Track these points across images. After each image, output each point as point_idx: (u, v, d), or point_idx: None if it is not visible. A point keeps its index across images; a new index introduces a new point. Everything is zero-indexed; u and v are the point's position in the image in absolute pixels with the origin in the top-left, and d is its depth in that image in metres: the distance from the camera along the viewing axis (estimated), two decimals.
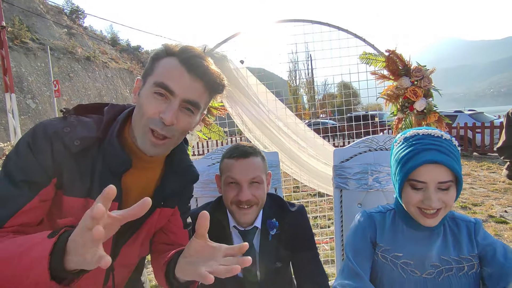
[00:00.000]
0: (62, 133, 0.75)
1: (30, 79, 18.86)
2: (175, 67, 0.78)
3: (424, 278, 0.93)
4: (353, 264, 0.97)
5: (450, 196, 0.88)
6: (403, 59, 2.15)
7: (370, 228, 1.02)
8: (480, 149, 8.88)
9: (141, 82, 0.83)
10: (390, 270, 0.97)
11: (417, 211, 0.92)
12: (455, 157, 0.88)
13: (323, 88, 22.09)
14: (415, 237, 0.97)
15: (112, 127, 0.82)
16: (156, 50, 0.83)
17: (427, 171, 0.87)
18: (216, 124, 2.31)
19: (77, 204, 0.78)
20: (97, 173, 0.79)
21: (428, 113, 2.16)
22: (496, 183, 5.64)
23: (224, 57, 2.14)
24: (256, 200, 1.06)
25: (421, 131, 0.94)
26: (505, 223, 3.75)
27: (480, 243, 0.94)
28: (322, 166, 2.33)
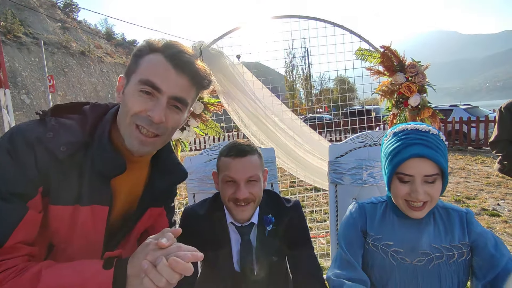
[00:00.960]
0: (45, 138, 0.71)
1: (24, 74, 18.64)
2: (161, 63, 0.76)
3: (414, 266, 0.97)
4: (346, 253, 1.01)
5: (435, 189, 0.92)
6: (397, 55, 2.17)
7: (360, 218, 1.06)
8: (475, 143, 8.98)
9: (124, 80, 0.80)
10: (381, 258, 1.00)
11: (404, 204, 0.96)
12: (441, 151, 0.92)
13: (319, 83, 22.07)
14: (405, 226, 1.01)
15: (100, 130, 0.79)
16: (139, 47, 0.80)
17: (414, 164, 0.91)
18: (213, 120, 2.32)
19: (65, 213, 0.75)
20: (86, 178, 0.76)
21: (422, 109, 2.20)
22: (490, 177, 5.72)
23: (220, 53, 2.14)
24: (253, 197, 1.08)
25: (410, 126, 0.97)
26: (497, 216, 3.82)
27: (472, 233, 0.97)
28: (318, 161, 2.35)
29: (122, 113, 0.79)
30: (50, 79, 14.56)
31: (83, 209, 0.76)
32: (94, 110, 0.82)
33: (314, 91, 16.80)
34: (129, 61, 0.81)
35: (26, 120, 4.70)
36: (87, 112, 0.80)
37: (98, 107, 0.84)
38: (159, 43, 0.78)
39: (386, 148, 1.00)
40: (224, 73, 2.18)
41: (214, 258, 1.15)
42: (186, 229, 1.17)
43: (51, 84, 14.50)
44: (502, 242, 0.96)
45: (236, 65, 2.21)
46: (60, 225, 0.76)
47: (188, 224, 1.18)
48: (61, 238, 0.77)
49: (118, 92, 0.81)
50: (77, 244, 0.79)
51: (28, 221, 0.69)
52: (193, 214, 1.19)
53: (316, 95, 16.25)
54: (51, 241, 0.77)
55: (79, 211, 0.76)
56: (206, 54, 2.11)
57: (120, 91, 0.81)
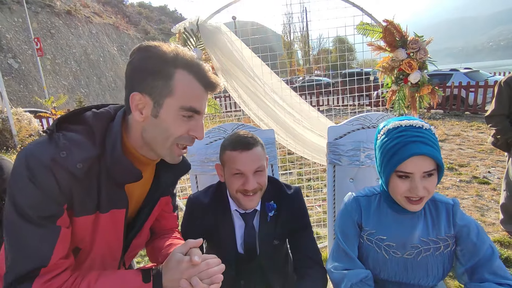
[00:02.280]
0: (60, 159, 0.72)
1: (8, 36, 17.75)
2: (197, 88, 0.80)
3: (405, 258, 1.04)
4: (343, 245, 1.08)
5: (433, 182, 0.96)
6: (400, 30, 2.11)
7: (356, 212, 1.11)
8: (472, 108, 9.00)
9: (149, 100, 0.78)
10: (374, 252, 1.07)
11: (404, 199, 1.00)
12: (436, 146, 0.95)
13: (318, 43, 21.34)
14: (398, 221, 1.06)
15: (110, 141, 0.79)
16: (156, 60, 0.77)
17: (414, 162, 0.94)
18: (212, 98, 2.31)
19: (88, 222, 0.80)
20: (103, 187, 0.80)
21: (421, 85, 2.19)
22: (483, 144, 5.84)
23: (218, 29, 2.07)
24: (260, 186, 1.14)
25: (403, 123, 0.99)
26: (487, 183, 3.98)
27: (457, 224, 1.03)
28: (317, 138, 2.39)
29: (160, 136, 0.81)
30: (37, 42, 13.93)
31: (103, 215, 0.82)
32: (98, 120, 0.82)
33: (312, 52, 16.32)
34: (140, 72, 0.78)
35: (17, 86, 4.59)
36: (90, 123, 0.81)
37: (101, 116, 0.83)
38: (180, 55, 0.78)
39: (383, 146, 1.01)
40: (222, 50, 2.12)
41: (218, 242, 1.23)
42: (191, 216, 1.25)
43: (38, 47, 13.90)
44: (483, 229, 1.03)
45: (234, 41, 2.14)
46: (84, 233, 0.81)
47: (194, 212, 1.24)
48: (86, 243, 0.83)
49: (140, 112, 0.79)
50: (100, 245, 0.85)
51: (62, 238, 0.74)
52: (198, 202, 1.25)
53: (314, 57, 15.81)
54: (77, 245, 0.83)
55: (100, 218, 0.82)
56: (203, 30, 2.04)
57: (144, 112, 0.79)
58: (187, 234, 1.23)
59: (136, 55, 0.79)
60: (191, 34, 2.05)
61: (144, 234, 1.00)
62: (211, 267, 0.78)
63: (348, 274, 1.01)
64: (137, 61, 0.78)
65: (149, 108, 0.79)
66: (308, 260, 1.18)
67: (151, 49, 0.78)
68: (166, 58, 0.77)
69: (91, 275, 0.76)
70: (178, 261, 0.78)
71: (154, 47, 0.78)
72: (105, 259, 0.89)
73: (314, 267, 1.17)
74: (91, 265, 0.86)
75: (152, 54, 0.77)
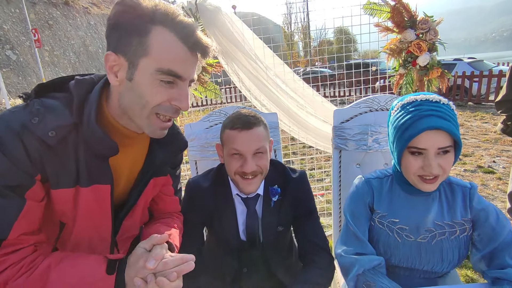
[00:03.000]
0: (31, 125, 0.66)
1: (5, 27, 17.52)
2: (178, 47, 0.70)
3: (418, 242, 0.98)
4: (353, 228, 1.02)
5: (448, 161, 0.89)
6: (409, 10, 2.01)
7: (368, 194, 1.05)
8: (475, 98, 8.87)
9: (122, 60, 0.70)
10: (386, 235, 1.01)
11: (417, 178, 0.93)
12: (454, 121, 0.88)
13: (319, 34, 21.09)
14: (411, 203, 1.00)
15: (87, 109, 0.73)
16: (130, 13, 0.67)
17: (428, 137, 0.87)
18: (212, 82, 2.22)
19: (67, 195, 0.74)
20: (82, 159, 0.74)
21: (430, 68, 2.10)
22: (487, 134, 5.76)
23: (218, 8, 1.97)
24: (260, 169, 1.06)
25: (419, 97, 0.91)
26: (492, 173, 3.91)
27: (474, 208, 0.97)
28: (321, 123, 2.31)
29: (136, 104, 0.72)
30: (35, 33, 13.73)
31: (84, 190, 0.75)
32: (79, 87, 0.75)
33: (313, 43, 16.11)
34: (116, 29, 0.69)
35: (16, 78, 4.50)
36: (71, 90, 0.74)
37: (83, 83, 0.76)
38: (159, 11, 0.68)
39: (396, 122, 0.94)
40: (222, 31, 2.03)
41: (220, 228, 1.17)
42: (190, 202, 1.18)
43: (36, 38, 13.70)
44: (504, 214, 0.96)
45: (235, 22, 2.05)
46: (64, 207, 0.76)
47: (193, 196, 1.17)
48: (68, 218, 0.78)
49: (114, 74, 0.71)
50: (85, 223, 0.79)
51: (28, 212, 0.68)
52: (197, 186, 1.17)
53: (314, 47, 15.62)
54: (60, 219, 0.77)
55: (81, 192, 0.75)
56: (202, 10, 1.94)
57: (118, 74, 0.71)
58: (186, 220, 1.16)
59: (113, 10, 0.70)
60: (189, 14, 1.96)
61: (136, 215, 0.93)
62: (169, 267, 0.70)
63: (360, 260, 0.94)
64: (112, 17, 0.69)
65: (124, 70, 0.70)
66: (315, 246, 1.12)
67: (128, 2, 0.68)
68: (143, 12, 0.67)
69: (55, 256, 0.71)
70: (138, 257, 0.72)
71: (131, 1, 0.68)
72: (92, 240, 0.82)
73: (321, 254, 1.10)
74: (77, 244, 0.80)
75: (127, 8, 0.68)
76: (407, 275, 1.02)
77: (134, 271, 0.71)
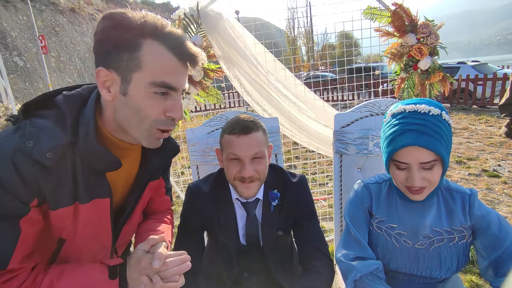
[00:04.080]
0: (27, 148, 0.64)
1: (13, 34, 17.83)
2: (169, 59, 0.71)
3: (416, 248, 0.97)
4: (354, 231, 1.02)
5: (434, 174, 0.88)
6: (410, 14, 2.02)
7: (367, 199, 1.05)
8: (480, 102, 8.81)
9: (116, 75, 0.70)
10: (384, 240, 1.01)
11: (404, 188, 0.95)
12: (440, 135, 0.85)
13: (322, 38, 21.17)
14: (409, 209, 1.00)
15: (83, 127, 0.71)
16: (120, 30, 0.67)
17: (409, 152, 0.87)
18: (214, 87, 2.24)
19: (66, 213, 0.73)
20: (79, 175, 0.73)
21: (432, 72, 2.09)
22: (492, 137, 5.70)
23: (220, 14, 1.99)
24: (258, 175, 1.06)
25: (408, 107, 0.90)
26: (497, 177, 3.87)
27: (474, 215, 0.95)
28: (322, 128, 2.31)
29: (133, 118, 0.73)
30: (42, 40, 13.95)
31: (84, 206, 0.75)
32: (69, 104, 0.73)
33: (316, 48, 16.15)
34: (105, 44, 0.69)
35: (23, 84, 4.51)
36: (61, 107, 0.72)
37: (72, 99, 0.74)
38: (149, 24, 0.69)
39: (383, 133, 0.96)
40: (223, 37, 2.05)
41: (220, 232, 1.17)
42: (190, 206, 1.18)
43: (43, 45, 13.92)
44: (506, 221, 0.94)
45: (236, 28, 2.07)
46: (64, 223, 0.75)
47: (193, 201, 1.18)
48: (69, 233, 0.77)
49: (107, 90, 0.71)
50: (86, 236, 0.79)
51: (24, 239, 0.67)
52: (198, 191, 1.18)
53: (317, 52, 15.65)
54: (61, 236, 0.77)
55: (81, 209, 0.75)
56: (204, 15, 1.96)
57: (115, 91, 0.71)
58: (187, 224, 1.17)
59: (100, 25, 0.69)
60: (191, 20, 1.98)
61: (135, 219, 0.94)
62: (169, 267, 0.75)
63: (358, 265, 0.94)
64: (100, 32, 0.69)
65: (116, 85, 0.70)
66: (315, 250, 1.11)
67: (115, 17, 0.68)
68: (131, 27, 0.68)
69: (54, 271, 0.71)
70: (139, 259, 0.76)
71: (118, 14, 0.68)
72: (93, 250, 0.83)
73: (320, 258, 1.10)
74: (78, 256, 0.81)
75: (116, 23, 0.68)
76: (406, 280, 1.01)
77: (136, 272, 0.74)
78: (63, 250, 0.78)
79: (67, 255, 0.79)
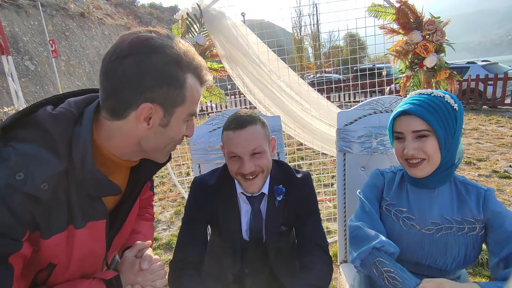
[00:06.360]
0: (16, 182, 0.57)
1: (25, 39, 18.24)
2: (200, 90, 0.76)
3: (422, 233, 0.99)
4: (366, 204, 1.06)
5: (428, 145, 0.93)
6: (415, 11, 1.99)
7: (381, 182, 1.13)
8: (490, 102, 8.62)
9: (159, 109, 0.68)
10: (391, 222, 1.04)
11: (404, 163, 1.01)
12: (434, 109, 0.92)
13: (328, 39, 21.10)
14: (419, 195, 1.03)
15: (79, 151, 0.65)
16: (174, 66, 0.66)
17: (402, 121, 0.97)
18: (217, 87, 2.24)
19: (60, 240, 0.68)
20: (74, 201, 0.68)
21: (438, 70, 2.05)
22: (503, 138, 5.57)
23: (222, 14, 2.00)
24: (260, 169, 1.05)
25: (417, 91, 1.01)
26: (508, 178, 3.77)
27: (489, 210, 0.94)
28: (326, 127, 2.29)
29: (163, 144, 0.76)
30: (52, 44, 14.23)
31: (79, 231, 0.71)
32: (58, 123, 0.65)
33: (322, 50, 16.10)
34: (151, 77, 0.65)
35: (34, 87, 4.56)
36: (48, 127, 0.64)
37: (61, 119, 0.66)
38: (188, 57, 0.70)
39: None
40: (226, 36, 2.05)
41: (223, 227, 1.16)
42: (195, 199, 1.18)
43: (53, 49, 14.18)
44: None
45: (239, 27, 2.07)
46: (57, 250, 0.69)
47: (198, 194, 1.18)
48: (60, 259, 0.72)
49: (146, 122, 0.68)
50: (80, 259, 0.75)
51: (17, 275, 0.62)
52: (203, 184, 1.18)
53: (324, 54, 15.58)
54: (51, 261, 0.71)
55: (76, 233, 0.71)
56: (206, 15, 1.97)
57: (154, 123, 0.69)
58: (191, 217, 1.17)
59: (145, 53, 0.64)
60: (194, 20, 1.99)
61: (127, 228, 0.92)
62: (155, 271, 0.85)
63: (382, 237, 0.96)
64: (150, 63, 0.64)
65: (158, 118, 0.69)
66: (315, 246, 1.10)
67: (166, 50, 0.65)
68: (181, 62, 0.68)
69: None
70: (131, 264, 0.84)
71: (169, 47, 0.66)
72: (86, 267, 0.79)
73: (320, 255, 1.08)
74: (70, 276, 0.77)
75: (169, 59, 0.65)
76: (410, 270, 0.99)
77: (132, 276, 0.83)
78: (53, 274, 0.73)
79: (57, 277, 0.74)
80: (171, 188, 4.49)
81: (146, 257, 0.85)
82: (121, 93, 0.65)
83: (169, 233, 3.17)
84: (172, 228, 3.29)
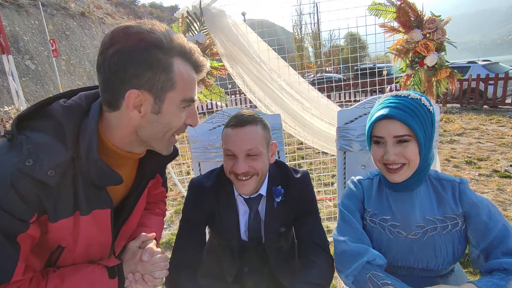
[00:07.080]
0: (26, 168, 0.61)
1: (25, 38, 18.25)
2: (193, 75, 0.75)
3: (410, 239, 0.97)
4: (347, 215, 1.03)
5: (409, 150, 0.91)
6: (415, 9, 1.98)
7: (360, 192, 1.09)
8: (491, 102, 8.60)
9: (149, 96, 0.69)
10: (378, 233, 1.01)
11: (382, 168, 0.98)
12: (414, 113, 0.91)
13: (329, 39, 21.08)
14: (399, 199, 1.01)
15: (84, 142, 0.69)
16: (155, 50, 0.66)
17: (383, 126, 0.94)
18: (217, 85, 2.24)
19: (66, 225, 0.72)
20: (80, 188, 0.72)
21: (439, 68, 2.05)
22: (504, 137, 5.56)
23: (222, 12, 1.99)
24: (254, 171, 1.03)
25: (394, 93, 0.98)
26: (509, 177, 3.76)
27: (465, 202, 0.95)
28: (326, 126, 2.28)
29: (160, 132, 0.76)
30: (53, 43, 14.23)
31: (84, 217, 0.75)
32: (69, 117, 0.70)
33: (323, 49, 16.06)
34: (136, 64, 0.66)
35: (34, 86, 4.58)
36: (59, 118, 0.68)
37: (71, 111, 0.71)
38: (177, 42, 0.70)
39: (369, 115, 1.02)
40: (226, 34, 2.04)
41: (221, 228, 1.16)
42: (192, 201, 1.17)
43: (54, 48, 14.21)
44: (497, 208, 0.94)
45: (239, 25, 2.06)
46: (64, 234, 0.74)
47: (195, 195, 1.17)
48: (68, 242, 0.76)
49: (137, 110, 0.69)
50: (86, 243, 0.78)
51: (25, 252, 0.66)
52: (200, 186, 1.17)
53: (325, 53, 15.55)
54: (60, 244, 0.75)
55: (81, 220, 0.74)
56: (207, 13, 1.97)
57: (146, 110, 0.70)
58: (188, 219, 1.16)
59: (124, 41, 0.65)
60: (194, 18, 1.99)
61: (133, 220, 0.94)
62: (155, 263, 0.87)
63: (371, 250, 0.94)
64: (129, 50, 0.65)
65: (148, 104, 0.70)
66: (315, 246, 1.09)
67: (144, 36, 0.65)
68: (163, 46, 0.67)
69: (54, 276, 0.73)
70: (133, 254, 0.87)
71: (147, 32, 0.66)
72: (93, 254, 0.83)
73: (321, 255, 1.07)
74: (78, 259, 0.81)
75: (147, 44, 0.65)
76: (405, 275, 0.99)
77: (133, 265, 0.85)
78: (62, 256, 0.77)
79: (66, 260, 0.79)
80: (171, 187, 4.48)
81: (148, 250, 0.87)
82: (110, 84, 0.68)
83: (169, 232, 3.17)
84: (172, 227, 3.29)
